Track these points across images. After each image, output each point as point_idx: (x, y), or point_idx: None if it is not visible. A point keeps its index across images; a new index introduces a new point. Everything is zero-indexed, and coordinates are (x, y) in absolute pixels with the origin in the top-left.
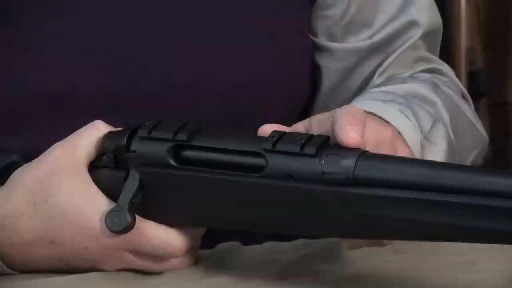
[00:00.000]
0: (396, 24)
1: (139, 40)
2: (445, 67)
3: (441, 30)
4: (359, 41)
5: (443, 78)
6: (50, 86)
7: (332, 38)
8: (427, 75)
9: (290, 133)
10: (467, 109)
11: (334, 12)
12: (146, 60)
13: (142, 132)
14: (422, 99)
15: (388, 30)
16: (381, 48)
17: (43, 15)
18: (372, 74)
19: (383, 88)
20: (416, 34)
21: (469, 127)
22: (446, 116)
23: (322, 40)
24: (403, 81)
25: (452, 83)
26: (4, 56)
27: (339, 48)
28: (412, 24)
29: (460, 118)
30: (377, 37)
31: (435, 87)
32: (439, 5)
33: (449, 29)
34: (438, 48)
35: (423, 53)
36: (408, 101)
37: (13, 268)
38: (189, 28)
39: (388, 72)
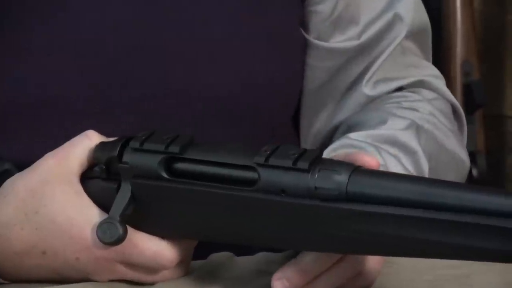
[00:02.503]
0: (381, 22)
1: (131, 40)
2: (434, 79)
3: (430, 31)
4: (347, 39)
5: (431, 95)
6: (42, 88)
7: (320, 35)
8: (412, 112)
9: (283, 147)
10: (451, 138)
11: (323, 7)
12: (139, 61)
13: (134, 144)
14: (402, 147)
15: (374, 28)
16: (369, 48)
17: (33, 17)
18: (360, 77)
19: (361, 134)
20: (401, 31)
21: (450, 162)
22: (425, 166)
23: (311, 38)
24: (385, 119)
25: (441, 99)
26: None
27: (327, 47)
28: (396, 18)
29: (441, 155)
30: (364, 37)
31: (417, 131)
32: (434, 17)
33: (445, 41)
34: (430, 49)
35: (413, 58)
36: (379, 150)
37: (5, 277)
38: (184, 28)
39: (377, 76)
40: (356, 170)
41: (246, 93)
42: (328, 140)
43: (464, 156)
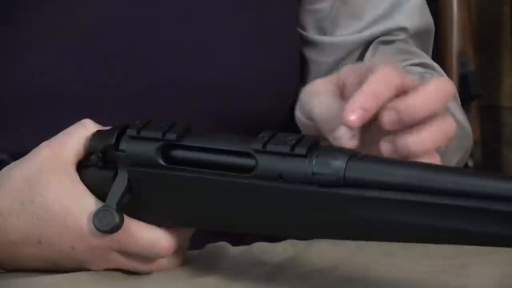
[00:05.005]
0: (383, 27)
1: (125, 37)
2: (435, 65)
3: (433, 30)
4: (348, 34)
5: (435, 74)
6: (37, 82)
7: (321, 32)
8: (420, 69)
9: (281, 133)
10: (457, 110)
11: (323, 5)
12: (134, 57)
13: (131, 131)
14: None
15: (376, 29)
16: (372, 40)
17: (28, 11)
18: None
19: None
20: (402, 35)
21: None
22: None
23: (311, 34)
24: None
25: None
26: None
27: (328, 41)
28: (399, 29)
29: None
30: (366, 33)
31: None
32: (431, 8)
33: (441, 32)
34: (431, 48)
35: (414, 48)
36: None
37: (1, 267)
38: (177, 25)
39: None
40: (353, 155)
41: (237, 86)
42: None
43: (468, 129)
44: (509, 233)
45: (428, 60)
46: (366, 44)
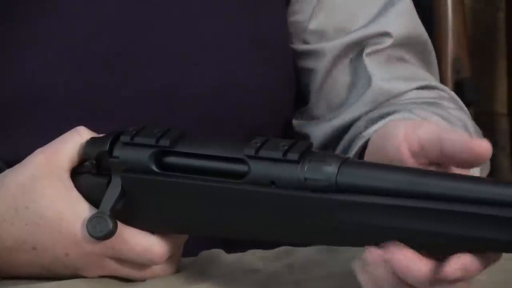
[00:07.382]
0: (364, 32)
1: (125, 37)
2: (440, 85)
3: (427, 40)
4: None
5: (444, 94)
6: (37, 83)
7: (306, 43)
8: (431, 96)
9: (273, 139)
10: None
11: (300, 18)
12: (134, 57)
13: (124, 138)
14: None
15: (356, 34)
16: (356, 46)
17: (28, 12)
18: (360, 68)
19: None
20: (388, 42)
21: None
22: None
23: (296, 44)
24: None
25: (453, 101)
26: None
27: (307, 49)
28: (382, 34)
29: None
30: (347, 38)
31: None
32: (426, 15)
33: (436, 39)
34: (433, 60)
35: (416, 69)
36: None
37: None
38: (177, 25)
39: (386, 74)
40: (345, 161)
41: (239, 87)
42: (337, 137)
43: None
44: (502, 238)
45: (432, 81)
46: (353, 50)
